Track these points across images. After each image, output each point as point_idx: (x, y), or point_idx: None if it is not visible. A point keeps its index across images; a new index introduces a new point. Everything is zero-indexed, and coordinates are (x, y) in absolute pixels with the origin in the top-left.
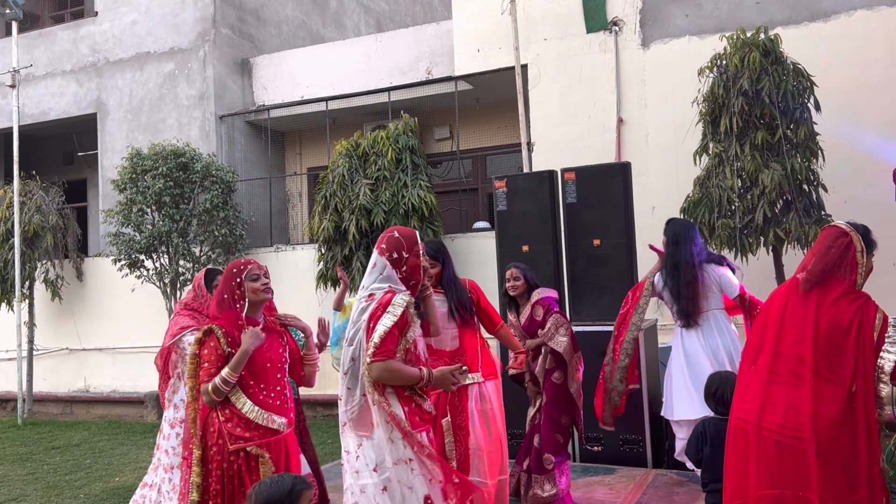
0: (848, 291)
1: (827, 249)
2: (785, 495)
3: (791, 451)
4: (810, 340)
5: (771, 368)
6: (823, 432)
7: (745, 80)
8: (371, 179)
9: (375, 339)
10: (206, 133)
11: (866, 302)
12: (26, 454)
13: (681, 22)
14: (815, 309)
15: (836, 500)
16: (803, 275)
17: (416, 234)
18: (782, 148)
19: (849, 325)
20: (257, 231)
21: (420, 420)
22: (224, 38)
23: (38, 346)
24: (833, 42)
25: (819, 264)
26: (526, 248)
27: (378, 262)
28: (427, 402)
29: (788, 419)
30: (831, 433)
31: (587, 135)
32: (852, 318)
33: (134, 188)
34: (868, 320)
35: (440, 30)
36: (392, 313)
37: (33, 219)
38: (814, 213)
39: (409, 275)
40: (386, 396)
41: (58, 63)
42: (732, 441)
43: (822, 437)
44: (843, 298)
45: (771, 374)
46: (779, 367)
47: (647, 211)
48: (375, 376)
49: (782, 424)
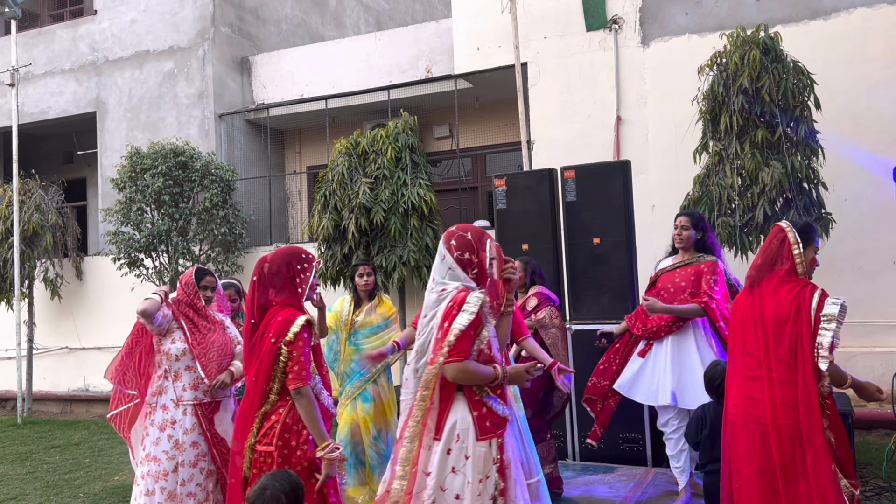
0: (787, 280)
1: (769, 245)
2: (761, 469)
3: (761, 434)
4: (761, 335)
5: (743, 365)
6: (780, 415)
7: (746, 79)
8: (371, 178)
9: (451, 339)
10: (205, 132)
11: (804, 287)
12: (26, 453)
13: (681, 20)
14: (760, 303)
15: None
16: (750, 272)
17: (485, 233)
18: (782, 146)
19: (788, 311)
20: (257, 230)
21: (491, 426)
22: (223, 36)
23: (38, 345)
24: (833, 40)
25: (763, 259)
26: (526, 247)
27: (447, 258)
28: (500, 406)
29: (761, 409)
30: (786, 414)
31: (587, 133)
32: (791, 304)
33: (133, 187)
34: (805, 302)
35: (440, 28)
36: (468, 311)
37: (33, 218)
38: (814, 211)
39: (478, 276)
40: (454, 401)
41: (57, 62)
42: (728, 432)
43: (780, 420)
44: (783, 287)
45: (744, 371)
46: (748, 363)
47: (646, 209)
48: (452, 377)
49: (759, 415)
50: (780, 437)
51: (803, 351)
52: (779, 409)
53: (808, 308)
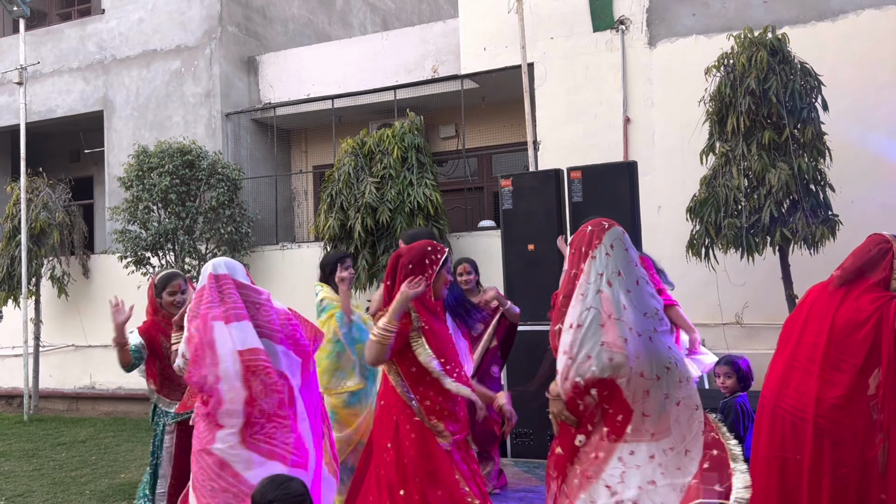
0: (872, 290)
1: (867, 251)
2: (786, 457)
3: (794, 425)
4: (826, 331)
5: (792, 355)
6: (824, 413)
7: (753, 80)
8: (377, 178)
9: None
10: (212, 131)
11: (889, 300)
12: (32, 450)
13: (688, 21)
14: (838, 303)
15: (823, 468)
16: (838, 272)
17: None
18: (789, 147)
19: (866, 320)
20: (263, 229)
21: None
22: (230, 35)
23: (45, 343)
24: (841, 41)
25: (856, 263)
26: (531, 247)
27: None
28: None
29: (797, 400)
30: (831, 414)
31: (593, 134)
32: (871, 314)
33: (140, 185)
34: (888, 317)
35: (446, 28)
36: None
37: (40, 216)
38: (821, 213)
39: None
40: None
41: (65, 60)
42: (758, 413)
43: (821, 417)
44: (866, 295)
45: (791, 360)
46: (798, 354)
47: (653, 210)
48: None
49: (793, 405)
50: (818, 433)
51: (869, 360)
52: (823, 407)
53: (890, 322)
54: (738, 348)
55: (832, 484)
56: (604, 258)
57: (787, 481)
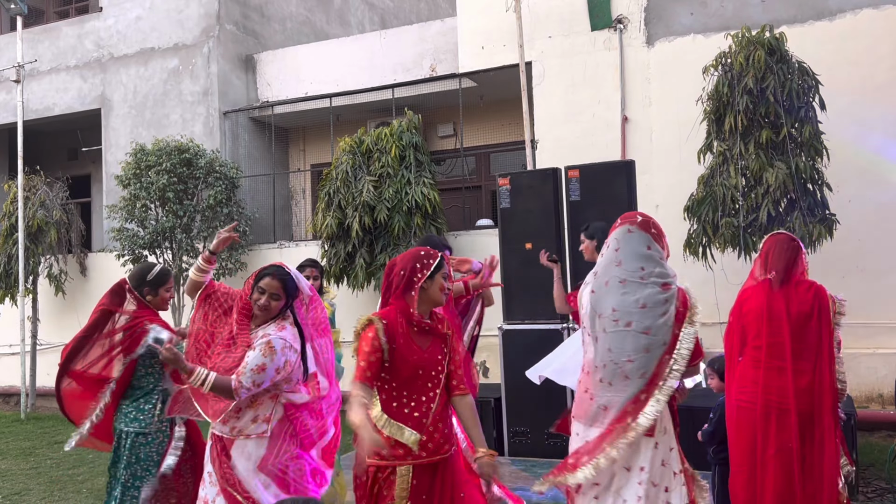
0: (801, 283)
1: (786, 251)
2: (781, 449)
3: (781, 418)
4: (787, 330)
5: (756, 357)
6: (802, 400)
7: (750, 79)
8: (374, 176)
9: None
10: (209, 129)
11: (819, 288)
12: (29, 448)
13: (686, 20)
14: (785, 301)
15: (807, 444)
16: (773, 275)
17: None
18: (787, 147)
19: (811, 310)
20: (261, 227)
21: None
22: (228, 34)
23: (42, 341)
24: (838, 41)
25: (785, 264)
26: (529, 246)
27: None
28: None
29: (780, 396)
30: (806, 399)
31: (591, 133)
32: (813, 304)
33: (138, 184)
34: (825, 304)
35: (444, 27)
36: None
37: (37, 214)
38: (818, 212)
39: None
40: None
41: (62, 58)
42: (737, 419)
43: (801, 405)
44: (801, 289)
45: (765, 362)
46: (766, 356)
47: (650, 209)
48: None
49: (778, 401)
50: (801, 419)
51: (822, 344)
52: (800, 396)
53: (828, 309)
54: None
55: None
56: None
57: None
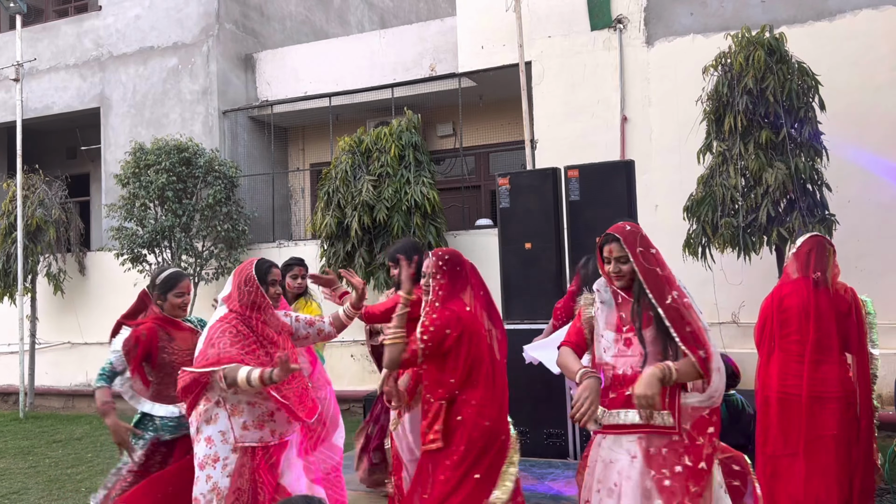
0: (836, 284)
1: (826, 253)
2: (822, 436)
3: (823, 406)
4: (833, 326)
5: (799, 352)
6: (847, 389)
7: (750, 79)
8: (374, 176)
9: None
10: (209, 128)
11: (852, 290)
12: (28, 448)
13: (685, 20)
14: (829, 301)
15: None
16: (818, 275)
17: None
18: (786, 147)
19: (848, 309)
20: (260, 227)
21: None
22: (228, 33)
23: (40, 340)
24: (838, 41)
25: (825, 266)
26: (528, 246)
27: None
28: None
29: (824, 386)
30: (847, 388)
31: (591, 132)
32: (850, 304)
33: (137, 183)
34: (858, 304)
35: (444, 26)
36: None
37: (36, 213)
38: (817, 212)
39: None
40: None
41: (61, 57)
42: (779, 409)
43: (847, 395)
44: (836, 290)
45: (810, 355)
46: (811, 350)
47: (650, 209)
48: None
49: (822, 390)
50: (844, 407)
51: (861, 342)
52: (845, 386)
53: (860, 308)
54: (735, 347)
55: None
56: None
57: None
